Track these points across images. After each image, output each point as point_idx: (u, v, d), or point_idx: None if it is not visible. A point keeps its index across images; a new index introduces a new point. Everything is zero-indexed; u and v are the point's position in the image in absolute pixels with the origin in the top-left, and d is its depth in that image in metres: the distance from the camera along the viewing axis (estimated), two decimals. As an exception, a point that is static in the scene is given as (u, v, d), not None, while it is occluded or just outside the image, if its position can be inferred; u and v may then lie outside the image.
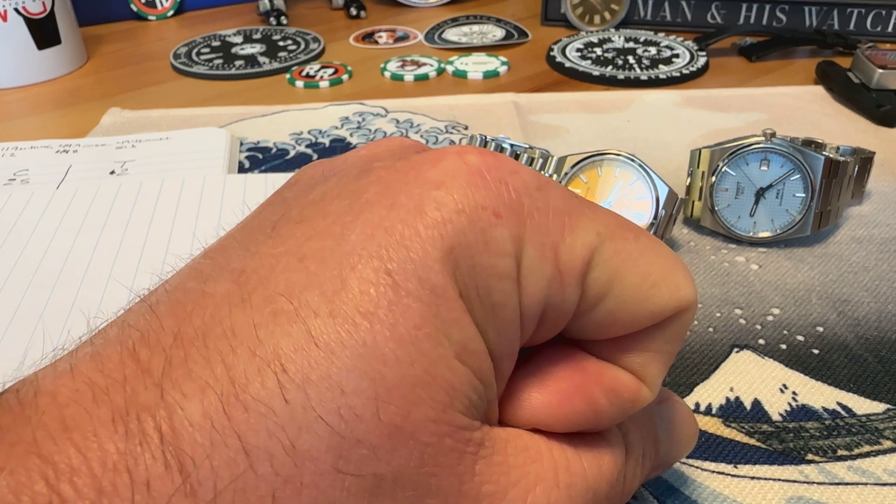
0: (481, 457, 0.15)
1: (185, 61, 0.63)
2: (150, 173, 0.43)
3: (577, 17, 0.68)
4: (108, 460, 0.12)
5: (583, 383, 0.17)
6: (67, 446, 0.12)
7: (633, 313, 0.16)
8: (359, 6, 0.75)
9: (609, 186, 0.34)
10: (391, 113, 0.52)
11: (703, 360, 0.29)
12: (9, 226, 0.38)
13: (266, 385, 0.13)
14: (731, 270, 0.34)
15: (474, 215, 0.14)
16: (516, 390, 0.16)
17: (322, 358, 0.13)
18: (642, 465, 0.19)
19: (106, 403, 0.12)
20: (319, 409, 0.13)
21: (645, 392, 0.17)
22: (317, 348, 0.13)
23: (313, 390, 0.13)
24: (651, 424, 0.20)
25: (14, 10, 0.57)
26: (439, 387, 0.14)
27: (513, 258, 0.15)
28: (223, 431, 0.12)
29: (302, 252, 0.14)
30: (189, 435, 0.12)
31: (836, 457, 0.25)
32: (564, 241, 0.15)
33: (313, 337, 0.13)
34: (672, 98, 0.53)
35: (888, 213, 0.39)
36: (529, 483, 0.15)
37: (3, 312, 0.32)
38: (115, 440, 0.12)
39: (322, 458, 0.13)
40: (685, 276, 0.17)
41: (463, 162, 0.15)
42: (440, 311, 0.14)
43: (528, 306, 0.15)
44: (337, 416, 0.13)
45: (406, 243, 0.14)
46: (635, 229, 0.17)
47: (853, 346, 0.30)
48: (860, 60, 0.52)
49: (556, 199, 0.16)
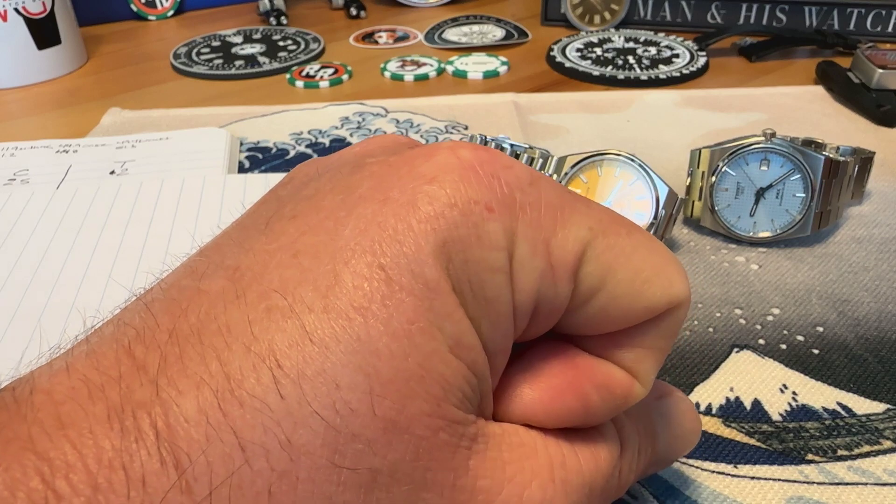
0: (475, 451, 0.15)
1: (185, 61, 0.63)
2: (150, 173, 0.43)
3: (577, 17, 0.68)
4: (103, 457, 0.12)
5: (574, 379, 0.17)
6: (63, 443, 0.12)
7: (625, 309, 0.16)
8: (359, 6, 0.75)
9: (609, 186, 0.34)
10: (391, 113, 0.52)
11: (703, 360, 0.29)
12: (9, 226, 0.38)
13: (261, 381, 0.13)
14: (731, 270, 0.34)
15: (467, 209, 0.14)
16: (509, 386, 0.17)
17: (317, 353, 0.13)
18: (638, 461, 0.19)
19: (101, 400, 0.12)
20: (315, 404, 0.13)
21: (637, 388, 0.17)
22: (311, 344, 0.13)
23: (308, 385, 0.13)
24: (648, 420, 0.20)
25: (14, 10, 0.57)
26: (433, 381, 0.14)
27: (505, 252, 0.15)
28: (219, 427, 0.12)
29: (295, 248, 0.14)
30: (184, 431, 0.12)
31: (836, 457, 0.25)
32: (557, 236, 0.15)
33: (308, 332, 0.13)
34: (672, 98, 0.53)
35: (888, 213, 0.39)
36: (525, 478, 0.15)
37: (3, 312, 0.32)
38: (110, 437, 0.12)
39: (318, 452, 0.13)
40: (678, 272, 0.17)
41: (455, 157, 0.15)
42: (433, 305, 0.14)
43: (520, 300, 0.15)
44: (332, 411, 0.13)
45: (399, 238, 0.14)
46: (628, 225, 0.17)
47: (853, 346, 0.30)
48: (860, 60, 0.52)
49: (548, 194, 0.16)
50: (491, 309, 0.15)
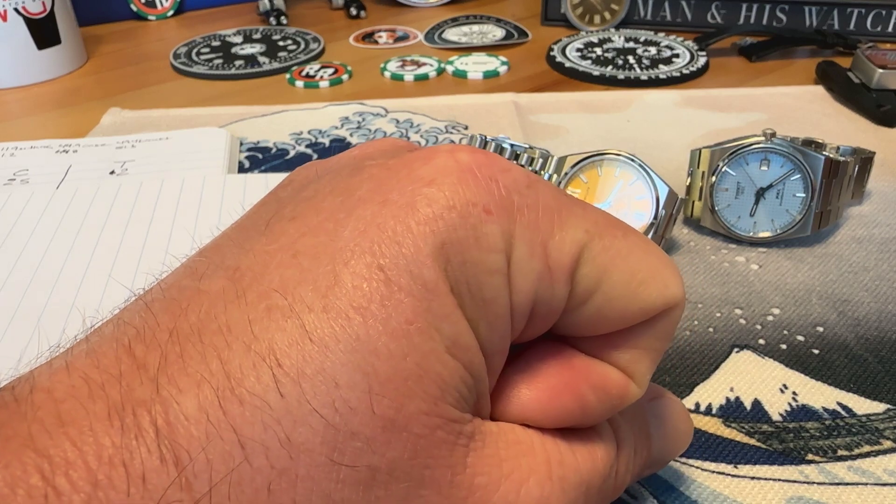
0: (472, 449, 0.15)
1: (185, 61, 0.63)
2: (150, 173, 0.43)
3: (577, 17, 0.68)
4: (103, 454, 0.12)
5: (571, 380, 0.17)
6: (63, 440, 0.12)
7: (621, 310, 0.17)
8: (359, 6, 0.75)
9: (609, 186, 0.34)
10: (391, 113, 0.52)
11: (703, 360, 0.29)
12: (9, 226, 0.38)
13: (261, 379, 0.13)
14: (731, 270, 0.34)
15: (465, 212, 0.15)
16: (507, 386, 0.17)
17: (316, 352, 0.13)
18: (634, 461, 0.19)
19: (102, 399, 0.12)
20: (314, 403, 0.13)
21: (633, 388, 0.17)
22: (311, 343, 0.13)
23: (308, 384, 0.13)
24: (643, 421, 0.20)
25: (14, 10, 0.57)
26: (431, 380, 0.14)
27: (503, 254, 0.15)
28: (219, 425, 0.12)
29: (295, 248, 0.14)
30: (184, 429, 0.12)
31: (837, 457, 0.25)
32: (554, 238, 0.15)
33: (307, 332, 0.13)
34: (672, 98, 0.53)
35: (888, 213, 0.39)
36: (522, 475, 0.15)
37: (3, 312, 0.32)
38: (110, 434, 0.12)
39: (317, 450, 0.13)
40: (673, 274, 0.17)
41: (454, 160, 0.15)
42: (431, 305, 0.14)
43: (518, 302, 0.15)
44: (331, 409, 0.13)
45: (398, 239, 0.14)
46: (624, 227, 0.17)
47: (853, 346, 0.30)
48: (860, 60, 0.52)
49: (545, 197, 0.16)
50: (488, 310, 0.15)
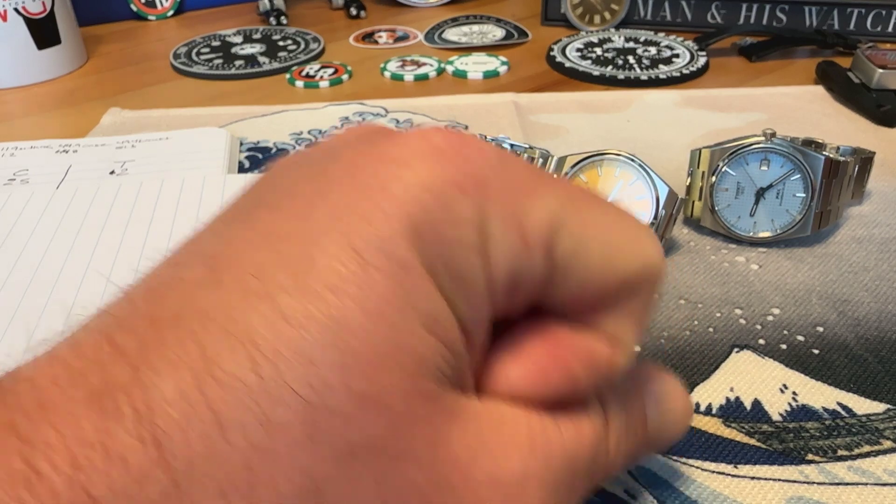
0: (454, 424, 0.15)
1: (185, 61, 0.63)
2: (150, 173, 0.43)
3: (577, 17, 0.68)
4: (84, 437, 0.12)
5: (558, 353, 0.17)
6: (44, 426, 0.12)
7: (601, 278, 0.17)
8: (359, 6, 0.75)
9: (609, 186, 0.34)
10: (391, 113, 0.52)
11: (703, 360, 0.29)
12: (9, 226, 0.38)
13: (238, 361, 0.13)
14: (731, 270, 0.34)
15: (437, 190, 0.15)
16: (494, 363, 0.17)
17: (292, 333, 0.13)
18: (626, 440, 0.19)
19: (82, 385, 0.13)
20: (291, 382, 0.13)
21: (619, 357, 0.18)
22: (287, 324, 0.13)
23: (285, 364, 0.13)
24: (636, 399, 0.20)
25: (14, 10, 0.57)
26: (408, 356, 0.14)
27: (477, 230, 0.15)
28: (197, 406, 0.13)
29: (271, 234, 0.15)
30: (163, 410, 0.12)
31: (837, 457, 0.25)
32: (528, 211, 0.16)
33: (283, 313, 0.13)
34: (672, 98, 0.53)
35: (888, 213, 0.39)
36: (505, 451, 0.16)
37: (3, 312, 0.32)
38: (91, 418, 0.12)
39: (296, 428, 0.13)
40: (650, 239, 0.18)
41: (426, 140, 0.16)
42: (406, 283, 0.14)
43: (495, 276, 0.16)
44: (308, 388, 0.13)
45: (372, 220, 0.14)
46: (598, 198, 0.17)
47: (853, 346, 0.30)
48: (860, 60, 0.52)
49: (518, 172, 0.16)
50: (465, 286, 0.15)
